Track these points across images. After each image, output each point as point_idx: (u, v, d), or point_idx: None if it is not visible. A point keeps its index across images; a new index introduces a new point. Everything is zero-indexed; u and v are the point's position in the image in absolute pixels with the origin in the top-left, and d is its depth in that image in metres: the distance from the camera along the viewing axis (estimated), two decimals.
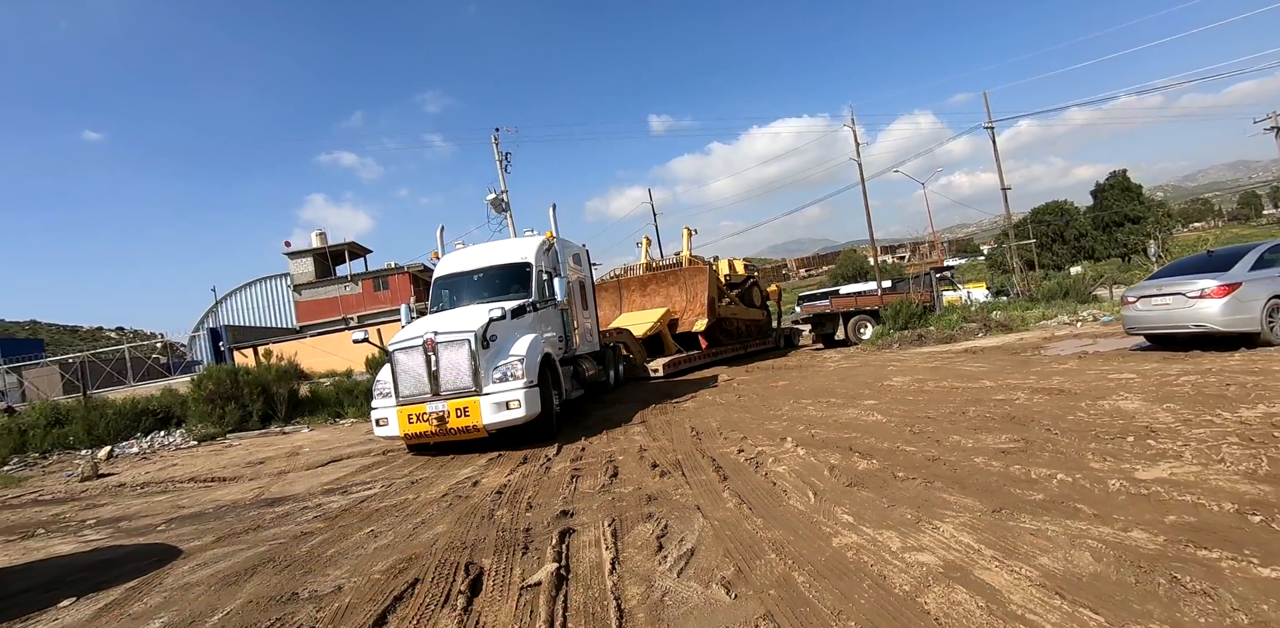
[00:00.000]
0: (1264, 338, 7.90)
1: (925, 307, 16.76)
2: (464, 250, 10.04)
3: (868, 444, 5.04)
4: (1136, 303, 8.95)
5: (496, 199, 22.06)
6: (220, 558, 4.06)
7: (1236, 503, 2.88)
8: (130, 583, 3.73)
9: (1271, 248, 8.45)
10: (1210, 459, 3.58)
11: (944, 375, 8.91)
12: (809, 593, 2.51)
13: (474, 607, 2.78)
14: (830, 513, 3.46)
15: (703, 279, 14.72)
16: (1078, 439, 4.39)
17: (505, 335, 7.53)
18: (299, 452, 9.39)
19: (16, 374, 31.68)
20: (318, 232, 46.27)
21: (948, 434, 5.06)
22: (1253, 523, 2.66)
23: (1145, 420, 4.73)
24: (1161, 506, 2.99)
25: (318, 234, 46.59)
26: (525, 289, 8.66)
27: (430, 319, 8.15)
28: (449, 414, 6.93)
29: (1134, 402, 5.43)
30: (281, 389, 12.85)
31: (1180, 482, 3.28)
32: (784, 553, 2.96)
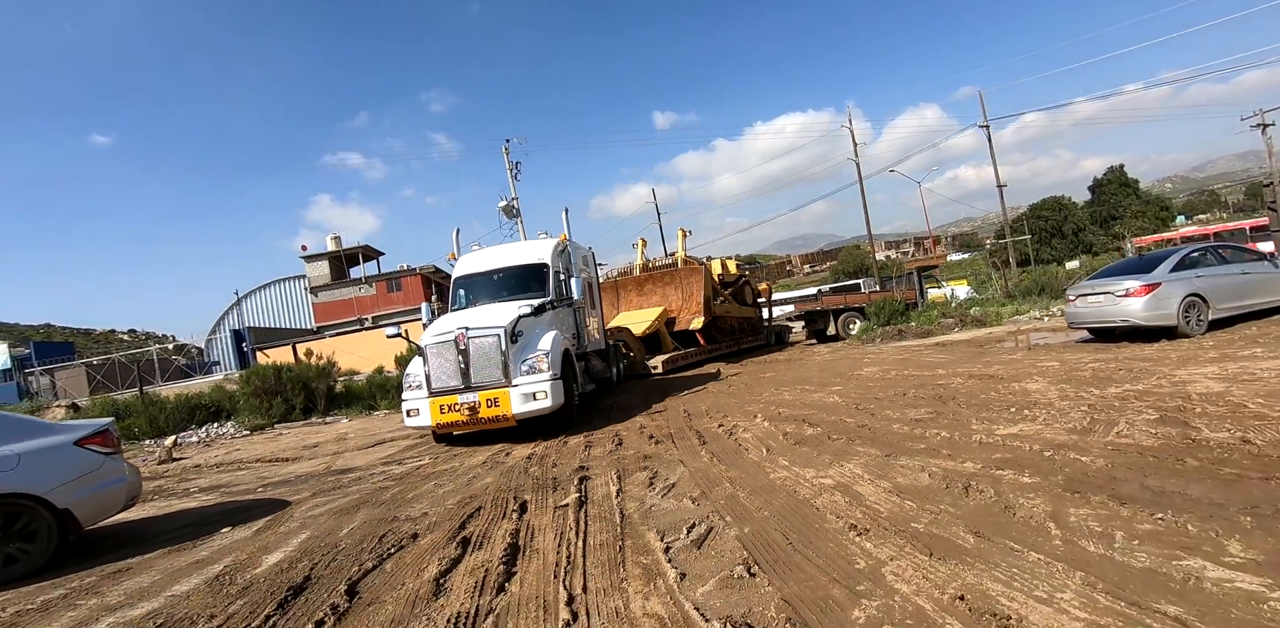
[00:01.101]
0: (1181, 330, 9.12)
1: (908, 304, 17.98)
2: (481, 252, 10.44)
3: (819, 418, 6.36)
4: (1075, 301, 10.20)
5: (508, 206, 23.41)
6: (325, 503, 5.44)
7: (1045, 446, 4.17)
8: (267, 518, 5.12)
9: (1190, 252, 9.69)
10: (1054, 421, 4.88)
11: (907, 366, 10.18)
12: (745, 501, 3.84)
13: (524, 518, 4.13)
14: (774, 461, 4.79)
15: (698, 279, 15.67)
16: (975, 410, 5.70)
17: (530, 331, 7.93)
18: (345, 437, 10.77)
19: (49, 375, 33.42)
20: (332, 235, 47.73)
21: (883, 409, 6.37)
22: (1045, 457, 3.96)
23: (1036, 397, 6.02)
24: (997, 449, 4.29)
25: (332, 238, 48.03)
26: (542, 289, 9.00)
27: (458, 316, 8.51)
28: (480, 405, 7.35)
29: (1038, 383, 6.72)
30: (321, 385, 14.27)
31: (1021, 435, 4.58)
32: (735, 483, 4.29)
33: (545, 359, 7.55)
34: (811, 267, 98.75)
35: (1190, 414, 4.47)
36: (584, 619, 2.52)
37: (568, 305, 9.25)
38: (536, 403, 7.36)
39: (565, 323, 9.19)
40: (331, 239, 47.24)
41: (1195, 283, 9.27)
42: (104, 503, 4.64)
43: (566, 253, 9.90)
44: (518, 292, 9.08)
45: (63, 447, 4.49)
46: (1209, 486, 3.06)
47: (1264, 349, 6.98)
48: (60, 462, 4.43)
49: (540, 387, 7.38)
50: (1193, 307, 9.21)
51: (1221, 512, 2.72)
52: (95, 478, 4.57)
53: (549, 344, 7.77)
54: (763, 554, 2.95)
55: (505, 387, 7.40)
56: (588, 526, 3.79)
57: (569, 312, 9.40)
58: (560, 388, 7.57)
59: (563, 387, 7.64)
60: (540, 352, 7.62)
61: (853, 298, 19.37)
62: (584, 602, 2.69)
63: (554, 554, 3.33)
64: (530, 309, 7.99)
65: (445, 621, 2.67)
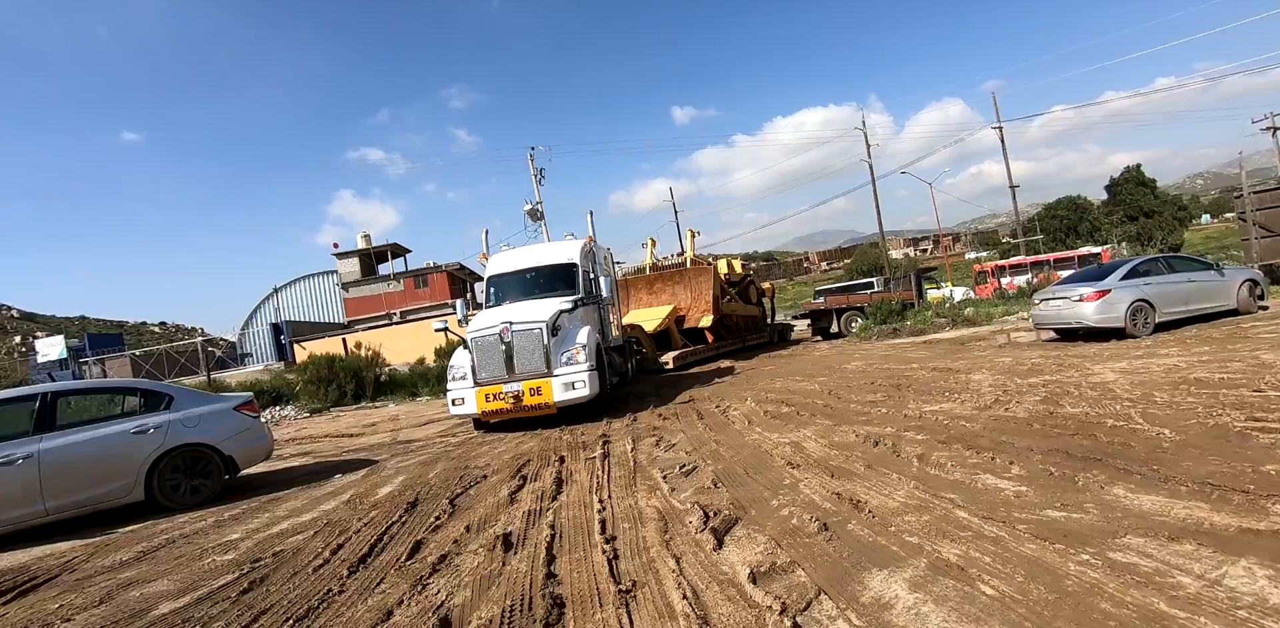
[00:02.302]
0: (1129, 332, 10.38)
1: (905, 304, 19.21)
2: (512, 252, 10.98)
3: (797, 400, 7.81)
4: (1040, 304, 11.48)
5: (533, 210, 25.00)
6: (406, 460, 7.04)
7: (949, 418, 5.59)
8: (365, 470, 6.73)
9: (1140, 263, 10.93)
10: (970, 401, 6.28)
11: (889, 361, 11.55)
12: (723, 452, 5.34)
13: (564, 465, 5.67)
14: (751, 429, 6.27)
15: (707, 279, 16.66)
16: (918, 394, 7.11)
17: (567, 326, 8.46)
18: (397, 418, 12.44)
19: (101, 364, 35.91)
20: (363, 234, 49.83)
21: (849, 394, 7.80)
22: (943, 424, 5.39)
23: (972, 384, 7.40)
24: (914, 420, 5.72)
25: (363, 236, 50.10)
26: (570, 287, 9.45)
27: (499, 311, 9.00)
28: (524, 393, 7.89)
29: (982, 375, 8.09)
30: (370, 374, 16.00)
31: (939, 410, 6.00)
32: (719, 443, 5.78)
33: (582, 351, 8.13)
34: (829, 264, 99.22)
35: (1067, 397, 5.86)
36: (610, 510, 4.05)
37: (596, 303, 9.92)
38: (575, 392, 7.95)
39: (593, 319, 9.78)
40: (362, 237, 49.33)
41: (1143, 290, 10.51)
42: (253, 453, 6.29)
43: (592, 253, 10.55)
44: (548, 290, 9.59)
45: (226, 411, 6.13)
46: (1033, 440, 4.48)
47: (1178, 349, 8.27)
48: (225, 422, 6.07)
49: (579, 376, 7.98)
50: (1139, 311, 10.45)
51: (1026, 453, 4.15)
52: (248, 435, 6.22)
53: (585, 338, 8.34)
54: (725, 479, 4.45)
55: (547, 376, 7.99)
56: (610, 468, 5.32)
57: (596, 309, 10.02)
58: (596, 378, 8.16)
59: (598, 377, 8.25)
60: (578, 344, 8.21)
61: (855, 298, 20.64)
62: (609, 503, 4.21)
63: (588, 482, 4.87)
64: (570, 305, 8.61)
65: (521, 514, 4.21)
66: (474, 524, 4.13)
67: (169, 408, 5.82)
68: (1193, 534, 2.60)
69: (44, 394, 5.36)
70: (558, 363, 8.08)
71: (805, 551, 2.96)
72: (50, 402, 5.36)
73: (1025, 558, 2.58)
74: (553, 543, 3.53)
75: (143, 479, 5.53)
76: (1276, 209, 14.54)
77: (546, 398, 7.93)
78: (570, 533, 3.70)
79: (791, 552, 2.96)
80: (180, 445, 5.71)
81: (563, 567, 3.16)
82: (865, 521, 3.27)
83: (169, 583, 3.70)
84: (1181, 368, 6.66)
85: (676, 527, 3.56)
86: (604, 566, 3.07)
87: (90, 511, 5.39)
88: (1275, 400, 4.65)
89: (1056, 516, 3.00)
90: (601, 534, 3.56)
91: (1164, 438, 4.07)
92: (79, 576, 4.09)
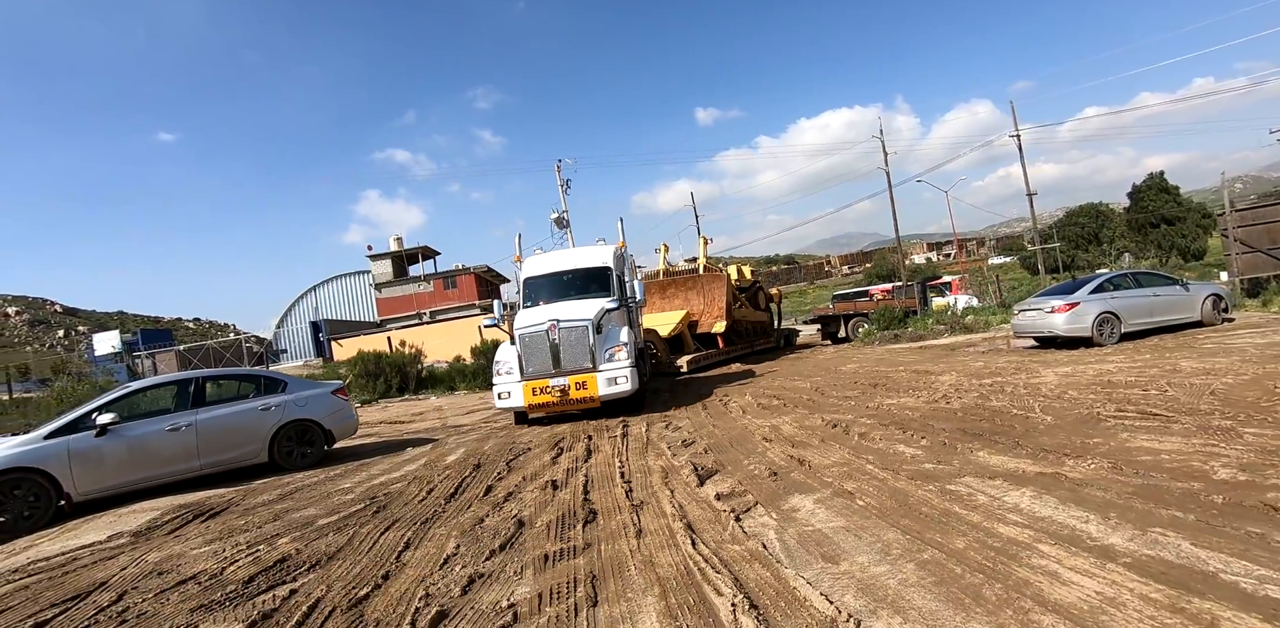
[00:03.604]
0: (1095, 340, 11.56)
1: (908, 311, 20.38)
2: (547, 255, 11.45)
3: (787, 396, 9.22)
4: (1019, 315, 12.70)
5: (559, 218, 26.62)
6: (462, 438, 8.60)
7: (901, 408, 6.96)
8: (431, 445, 8.31)
9: (1108, 278, 12.11)
10: (925, 396, 7.63)
11: (881, 364, 12.86)
12: (717, 432, 6.79)
13: (592, 441, 7.17)
14: (744, 417, 7.71)
15: (721, 286, 17.45)
16: (888, 391, 8.47)
17: (608, 325, 8.91)
18: (440, 408, 14.07)
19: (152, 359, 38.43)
20: (395, 236, 52.03)
21: (832, 391, 9.18)
22: (893, 413, 6.76)
23: (937, 384, 8.73)
24: (873, 410, 7.10)
25: (395, 238, 52.30)
26: (603, 289, 9.86)
27: (542, 310, 9.43)
28: (570, 387, 8.34)
29: (951, 376, 9.40)
30: (413, 369, 17.71)
31: (897, 403, 7.36)
32: (715, 427, 7.23)
33: (624, 349, 8.62)
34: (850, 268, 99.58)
35: (999, 394, 7.19)
36: (627, 466, 5.53)
37: (629, 305, 10.42)
38: (617, 387, 8.44)
39: (628, 320, 10.29)
40: (394, 239, 51.55)
41: (1110, 303, 11.69)
42: (345, 428, 7.90)
43: (623, 258, 11.12)
44: (583, 292, 10.01)
45: (325, 394, 7.75)
46: (951, 423, 5.85)
47: (1123, 357, 9.48)
48: (325, 403, 7.69)
49: (622, 372, 8.49)
50: (1106, 322, 11.63)
51: (939, 432, 5.52)
52: (341, 414, 7.83)
53: (625, 336, 8.84)
54: (714, 448, 5.91)
55: (592, 372, 8.49)
56: (628, 443, 6.81)
57: (625, 311, 10.32)
58: (636, 374, 8.65)
59: (638, 373, 8.76)
60: (620, 342, 8.71)
61: (861, 305, 21.86)
62: (627, 463, 5.70)
63: (610, 451, 6.36)
64: (615, 304, 9.17)
65: (562, 471, 5.71)
66: (528, 476, 5.65)
67: (284, 391, 7.45)
68: (1004, 476, 3.99)
69: (197, 379, 7.03)
70: (601, 359, 8.56)
71: (756, 485, 4.42)
72: (201, 384, 7.02)
73: (893, 488, 4.01)
74: (587, 485, 5.03)
75: (267, 445, 7.17)
76: (1256, 226, 15.49)
77: (591, 392, 8.41)
78: (598, 479, 5.20)
79: (748, 486, 4.42)
80: (293, 420, 7.34)
81: (594, 496, 4.66)
82: (803, 471, 4.71)
83: (316, 510, 5.27)
84: (1110, 372, 7.93)
85: (673, 475, 5.04)
86: (622, 495, 4.56)
87: (228, 468, 7.03)
88: (1149, 397, 5.96)
89: (929, 467, 4.41)
90: (621, 479, 5.05)
91: (1042, 423, 5.44)
92: (245, 507, 5.69)
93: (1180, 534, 2.81)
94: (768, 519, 3.70)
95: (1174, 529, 2.88)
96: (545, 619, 2.70)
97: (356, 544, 4.11)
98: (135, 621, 3.20)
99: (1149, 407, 5.52)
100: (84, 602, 3.59)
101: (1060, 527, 3.06)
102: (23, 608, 3.59)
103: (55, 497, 5.96)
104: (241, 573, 3.74)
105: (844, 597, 2.58)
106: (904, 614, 2.39)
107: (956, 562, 2.80)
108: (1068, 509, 3.29)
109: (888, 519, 3.45)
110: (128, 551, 4.63)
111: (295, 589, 3.39)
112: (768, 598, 2.64)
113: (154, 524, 5.36)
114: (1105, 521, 3.07)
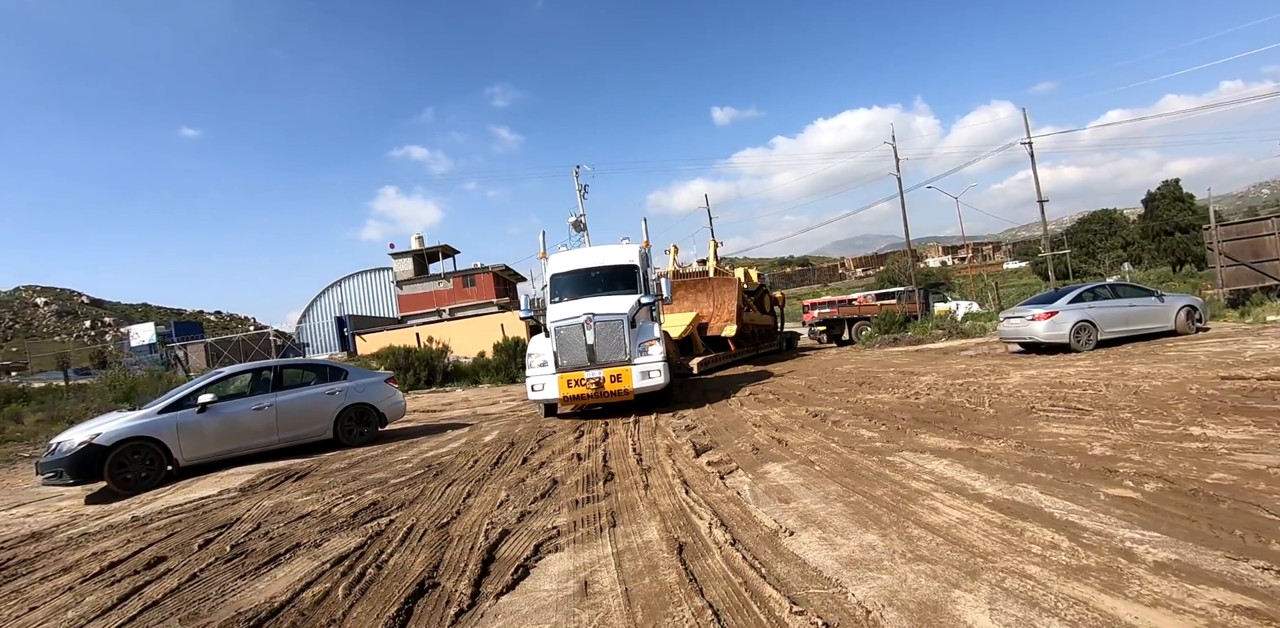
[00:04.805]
0: (1072, 347, 12.51)
1: (909, 316, 21.32)
2: (573, 252, 11.74)
3: (782, 392, 10.33)
4: (1004, 322, 13.67)
5: (576, 221, 27.83)
6: (494, 424, 9.82)
7: (876, 402, 8.05)
8: (468, 428, 9.53)
9: (1086, 289, 13.05)
10: (900, 393, 8.70)
11: (875, 365, 13.90)
12: (716, 420, 7.94)
13: (608, 427, 8.34)
14: (740, 407, 8.84)
15: (731, 289, 17.91)
16: (870, 388, 9.54)
17: (640, 320, 9.19)
18: (468, 399, 15.32)
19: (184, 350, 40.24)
20: (416, 235, 53.55)
21: (823, 388, 10.27)
22: (868, 406, 7.85)
23: (914, 383, 9.78)
24: (852, 403, 8.20)
25: (416, 237, 53.79)
26: (630, 287, 10.02)
27: (575, 304, 9.54)
28: (605, 380, 8.56)
29: (930, 376, 10.44)
30: (439, 363, 19.01)
31: (874, 398, 8.45)
32: (715, 416, 8.37)
33: (657, 343, 8.88)
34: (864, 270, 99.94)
35: (963, 391, 8.25)
36: (638, 444, 6.70)
37: (656, 302, 10.45)
38: (651, 380, 8.70)
39: (651, 317, 10.35)
40: (415, 238, 53.09)
41: (1087, 312, 12.63)
42: (395, 412, 9.15)
43: (646, 257, 11.29)
44: (609, 289, 10.09)
45: (380, 382, 9.00)
46: (911, 414, 6.94)
47: (1089, 362, 10.47)
48: (379, 389, 8.94)
49: (655, 366, 8.75)
50: (1083, 330, 12.58)
51: (898, 420, 6.61)
52: (392, 399, 9.08)
53: (657, 332, 9.09)
54: (711, 431, 7.07)
55: (628, 365, 8.70)
56: (639, 428, 7.98)
57: (650, 308, 10.46)
58: (669, 369, 8.95)
59: (670, 368, 9.04)
60: (653, 337, 8.97)
61: (865, 309, 22.83)
62: (638, 442, 6.87)
63: (624, 434, 7.53)
64: (651, 300, 9.45)
65: (584, 447, 6.89)
66: (556, 451, 6.83)
67: (346, 378, 8.71)
68: (933, 451, 5.10)
69: (275, 367, 8.31)
70: (636, 353, 8.79)
71: (741, 457, 5.56)
72: (279, 371, 8.29)
73: (846, 459, 5.13)
74: (605, 456, 6.20)
75: (332, 424, 8.43)
76: (1239, 241, 16.30)
77: (626, 385, 8.63)
78: (615, 453, 6.37)
79: (734, 457, 5.57)
80: (354, 404, 8.60)
81: (612, 464, 5.83)
82: (780, 448, 5.84)
83: (385, 474, 6.49)
84: (1068, 375, 8.95)
85: (676, 450, 6.19)
86: (634, 463, 5.73)
87: (299, 443, 8.29)
88: (1083, 396, 7.01)
89: (879, 445, 5.53)
90: (633, 452, 6.23)
91: (985, 414, 6.52)
92: (323, 472, 6.93)
93: (1035, 487, 3.91)
94: (745, 478, 4.85)
95: (1033, 484, 3.98)
96: (579, 534, 3.88)
97: (428, 495, 5.32)
98: (278, 538, 4.42)
99: (1077, 403, 6.57)
100: (231, 529, 4.82)
101: (954, 483, 4.18)
102: (188, 531, 4.84)
103: (165, 461, 7.25)
104: (344, 512, 4.95)
105: (786, 521, 3.72)
106: (824, 529, 3.53)
107: (873, 502, 3.92)
108: (967, 472, 4.39)
109: (834, 479, 4.58)
110: (243, 500, 5.88)
111: (392, 520, 4.59)
112: (734, 521, 3.80)
113: (254, 483, 6.61)
114: (990, 479, 4.18)
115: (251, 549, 4.19)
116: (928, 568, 2.88)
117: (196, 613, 3.21)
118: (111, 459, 6.88)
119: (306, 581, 3.49)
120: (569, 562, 3.45)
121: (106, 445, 6.86)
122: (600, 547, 3.63)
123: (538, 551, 3.64)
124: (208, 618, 3.12)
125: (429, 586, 3.25)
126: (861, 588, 2.74)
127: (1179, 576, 2.57)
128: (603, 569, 3.28)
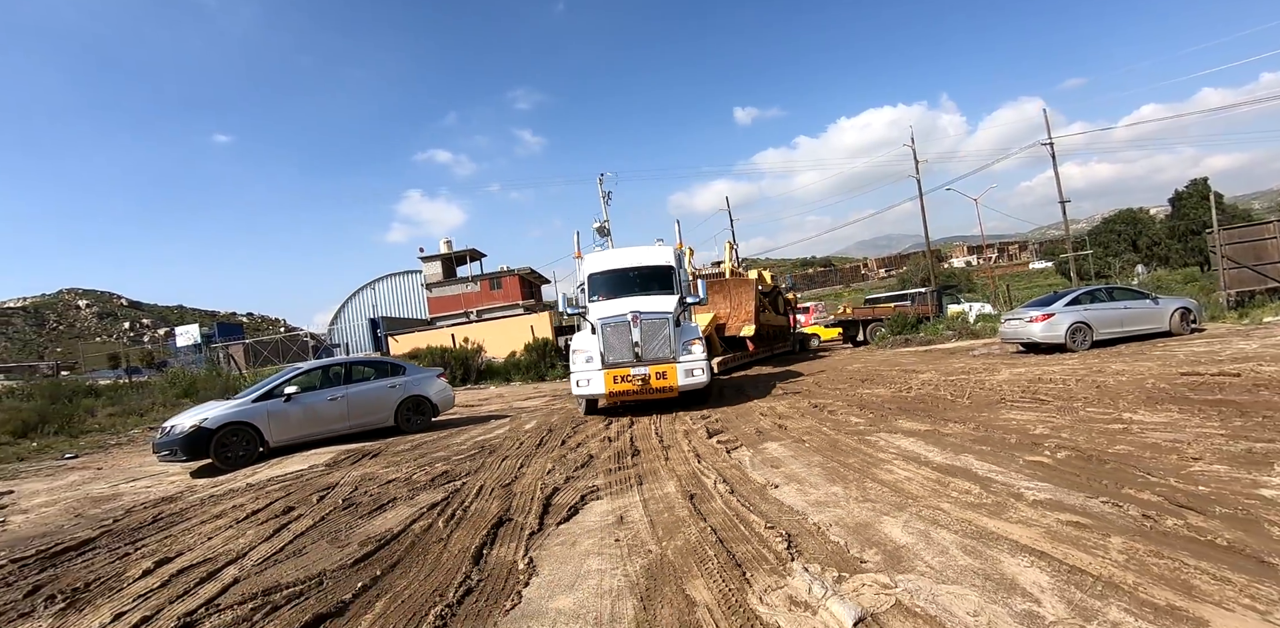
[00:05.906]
0: (1068, 347, 13.30)
1: (921, 317, 22.08)
2: (609, 252, 11.93)
3: (790, 387, 11.36)
4: (1005, 323, 14.50)
5: (600, 227, 29.02)
6: (532, 415, 11.03)
7: (872, 396, 9.05)
8: (509, 418, 10.75)
9: (1083, 292, 13.83)
10: (896, 388, 9.68)
11: (883, 364, 14.82)
12: (729, 409, 9.03)
13: (633, 416, 9.47)
14: (751, 400, 9.90)
15: (749, 290, 18.46)
16: (870, 384, 10.53)
17: (683, 319, 9.51)
18: (502, 395, 16.60)
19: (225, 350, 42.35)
20: (445, 239, 55.34)
21: (829, 384, 11.28)
22: (865, 398, 8.86)
23: (913, 380, 10.72)
24: (852, 397, 9.21)
25: (445, 241, 55.58)
26: (666, 287, 10.14)
27: (618, 302, 9.66)
28: (650, 376, 8.75)
29: (928, 374, 11.37)
30: (474, 362, 20.35)
31: (871, 393, 9.45)
32: (729, 408, 9.45)
33: (700, 342, 9.13)
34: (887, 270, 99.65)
35: (950, 387, 9.20)
36: (660, 429, 7.83)
37: (693, 302, 10.72)
38: (695, 378, 8.89)
39: (689, 317, 10.80)
40: (444, 242, 54.88)
41: (1082, 314, 13.41)
42: (446, 403, 10.41)
43: (680, 258, 11.41)
44: (645, 289, 10.16)
45: (433, 376, 10.26)
46: (898, 404, 7.94)
47: (1078, 361, 11.29)
48: (432, 383, 10.20)
49: (699, 364, 8.96)
50: (1078, 331, 13.37)
51: (884, 409, 7.62)
52: (444, 392, 10.34)
53: (699, 331, 9.48)
54: (724, 419, 8.16)
55: (673, 362, 8.88)
56: (661, 416, 9.11)
57: (689, 309, 10.86)
58: (711, 367, 9.14)
59: (711, 366, 9.32)
60: (697, 336, 9.28)
61: (879, 310, 23.64)
62: (660, 427, 8.00)
63: (648, 422, 8.66)
64: (696, 300, 9.88)
65: (614, 432, 8.03)
66: (590, 435, 7.99)
67: (404, 374, 9.98)
68: (904, 432, 6.13)
69: (348, 363, 9.62)
70: (680, 351, 8.95)
71: (746, 437, 6.66)
72: (349, 367, 9.60)
73: (832, 438, 6.19)
74: (632, 439, 7.34)
75: (393, 413, 9.70)
76: (1241, 244, 16.85)
77: (671, 382, 8.81)
78: (640, 436, 7.51)
79: (740, 437, 6.67)
80: (411, 396, 9.86)
81: (638, 444, 6.97)
82: (780, 430, 6.92)
83: (442, 453, 7.70)
84: (1052, 372, 9.84)
85: (692, 434, 7.31)
86: (657, 443, 6.86)
87: (365, 429, 9.57)
88: (1052, 390, 7.94)
89: (864, 427, 6.57)
90: (655, 435, 7.36)
91: (961, 404, 7.50)
92: (391, 453, 8.17)
93: (972, 456, 4.95)
94: (747, 452, 5.94)
95: (972, 454, 5.01)
96: (614, 490, 5.01)
97: (488, 466, 6.51)
98: (377, 494, 5.63)
99: (1043, 395, 7.53)
100: (334, 490, 6.06)
101: (912, 454, 5.22)
102: (301, 492, 6.09)
103: (259, 443, 8.56)
104: (422, 479, 6.15)
105: (774, 479, 4.81)
106: (801, 484, 4.61)
107: (844, 468, 4.99)
108: (925, 447, 5.43)
109: (819, 452, 5.65)
110: (333, 472, 7.13)
111: (464, 483, 5.78)
112: (734, 480, 4.90)
113: (336, 460, 7.88)
114: (941, 451, 5.21)
115: (359, 502, 5.41)
116: (870, 506, 3.95)
117: (336, 538, 4.41)
118: (216, 440, 8.20)
119: (411, 519, 4.68)
120: (607, 505, 4.59)
121: (213, 428, 8.19)
122: (630, 496, 4.77)
123: (583, 499, 4.79)
124: (347, 540, 4.32)
125: (505, 519, 4.42)
126: (819, 516, 3.82)
127: (1045, 507, 3.61)
128: (634, 509, 4.41)
